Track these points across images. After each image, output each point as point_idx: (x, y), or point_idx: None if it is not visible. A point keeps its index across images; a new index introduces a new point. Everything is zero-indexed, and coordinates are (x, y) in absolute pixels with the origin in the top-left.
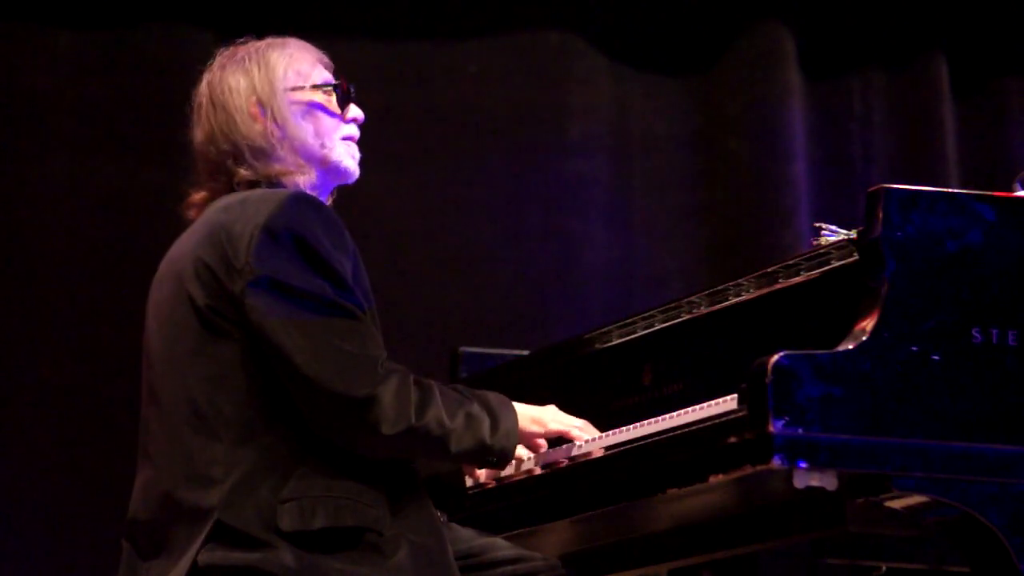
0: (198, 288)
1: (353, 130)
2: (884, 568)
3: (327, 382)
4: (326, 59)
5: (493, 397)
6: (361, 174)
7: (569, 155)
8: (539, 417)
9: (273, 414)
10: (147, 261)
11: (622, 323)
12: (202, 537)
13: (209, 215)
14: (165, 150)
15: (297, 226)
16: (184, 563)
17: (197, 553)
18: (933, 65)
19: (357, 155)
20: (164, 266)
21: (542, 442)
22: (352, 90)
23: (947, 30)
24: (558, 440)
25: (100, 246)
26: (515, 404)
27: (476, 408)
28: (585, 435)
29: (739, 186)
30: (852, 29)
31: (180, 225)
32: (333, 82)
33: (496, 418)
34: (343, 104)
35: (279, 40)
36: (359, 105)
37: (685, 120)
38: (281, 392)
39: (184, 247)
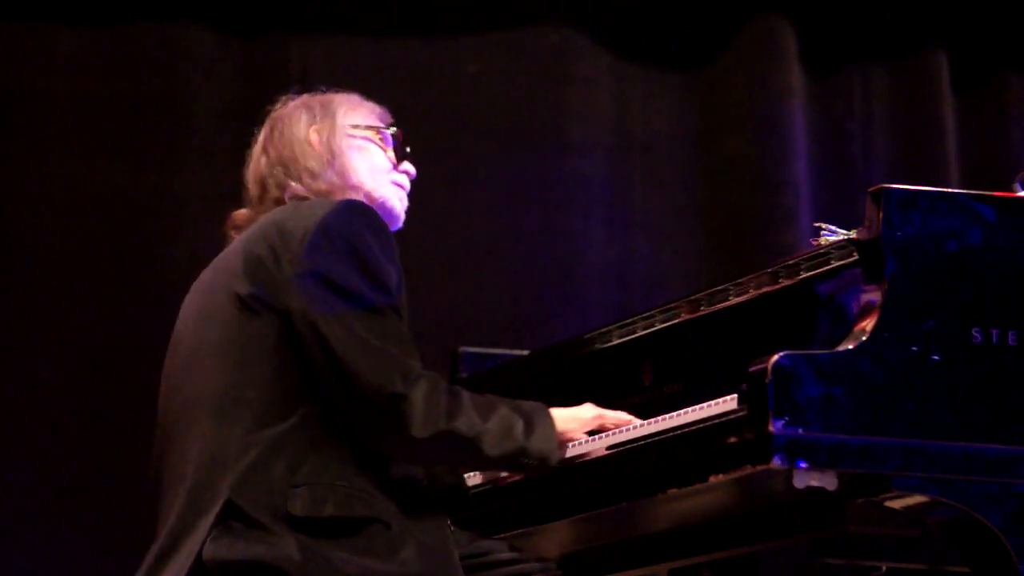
0: (243, 279)
1: (404, 179)
2: (884, 568)
3: (363, 375)
4: (387, 115)
5: (527, 404)
6: None
7: (569, 155)
8: (576, 415)
9: (294, 401)
10: (147, 261)
11: (622, 323)
12: (212, 518)
13: (261, 220)
14: (165, 150)
15: (350, 229)
16: (191, 546)
17: (205, 537)
18: (934, 61)
19: (405, 202)
20: (208, 268)
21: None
22: (407, 144)
23: (948, 26)
24: None
25: (100, 246)
26: (552, 409)
27: (507, 411)
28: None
29: (739, 186)
30: (853, 24)
31: (179, 225)
32: (390, 127)
33: (531, 421)
34: (398, 155)
35: (342, 91)
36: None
37: (685, 119)
38: (304, 380)
39: (233, 248)
